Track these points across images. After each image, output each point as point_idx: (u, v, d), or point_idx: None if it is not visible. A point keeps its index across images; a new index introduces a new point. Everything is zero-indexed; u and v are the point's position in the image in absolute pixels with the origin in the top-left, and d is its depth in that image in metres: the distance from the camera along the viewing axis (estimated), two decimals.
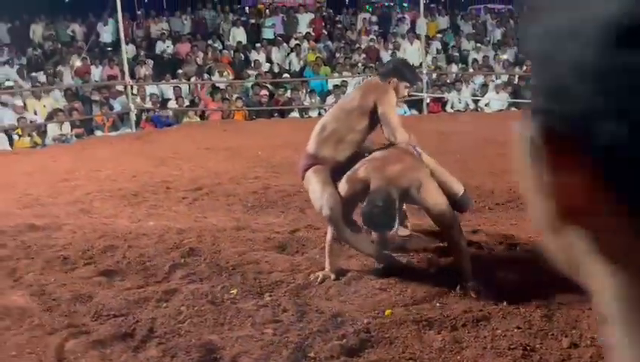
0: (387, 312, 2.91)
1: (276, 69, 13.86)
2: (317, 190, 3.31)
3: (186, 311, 2.95)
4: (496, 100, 12.23)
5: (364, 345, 2.56)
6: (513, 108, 12.19)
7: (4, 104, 10.45)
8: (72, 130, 10.14)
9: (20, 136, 9.70)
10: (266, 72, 13.41)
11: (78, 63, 13.02)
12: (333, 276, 3.34)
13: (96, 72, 13.37)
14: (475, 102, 12.25)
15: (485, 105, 12.30)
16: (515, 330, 2.64)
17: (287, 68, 13.91)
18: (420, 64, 12.19)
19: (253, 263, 3.67)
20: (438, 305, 2.99)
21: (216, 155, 7.53)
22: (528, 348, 2.49)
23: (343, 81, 12.39)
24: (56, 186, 6.09)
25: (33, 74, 12.67)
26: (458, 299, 3.07)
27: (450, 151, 6.51)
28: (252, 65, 13.48)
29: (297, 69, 13.82)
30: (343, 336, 2.64)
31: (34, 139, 9.71)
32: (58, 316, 2.95)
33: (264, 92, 11.80)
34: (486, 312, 2.83)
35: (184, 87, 12.37)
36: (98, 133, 10.41)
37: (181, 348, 2.55)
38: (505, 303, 2.92)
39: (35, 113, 10.69)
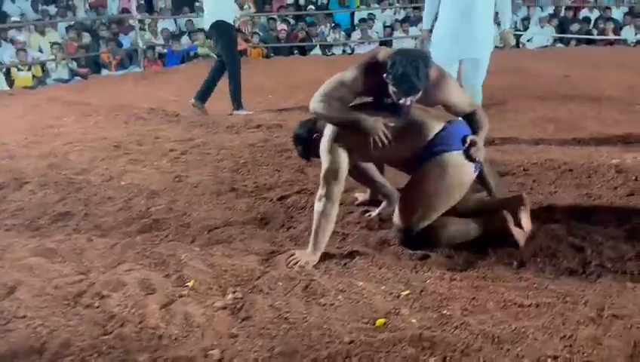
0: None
1: (302, 1, 12.87)
2: None
3: (119, 313, 2.31)
4: (539, 35, 11.12)
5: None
6: (559, 45, 11.07)
7: (11, 40, 9.83)
8: (77, 68, 9.51)
9: (20, 70, 9.11)
10: (288, 4, 12.45)
11: None
12: None
13: (113, 5, 12.66)
14: (517, 37, 11.13)
15: (527, 41, 11.22)
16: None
17: (314, 0, 12.91)
18: None
19: (224, 243, 2.99)
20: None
21: (222, 98, 6.78)
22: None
23: (370, 14, 11.35)
24: (38, 134, 5.50)
25: (44, 7, 11.98)
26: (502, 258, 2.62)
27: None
28: None
29: (325, 1, 12.80)
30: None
31: (35, 73, 9.13)
32: None
33: (282, 26, 10.87)
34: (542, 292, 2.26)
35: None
36: (105, 72, 9.76)
37: None
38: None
39: (41, 51, 10.08)
